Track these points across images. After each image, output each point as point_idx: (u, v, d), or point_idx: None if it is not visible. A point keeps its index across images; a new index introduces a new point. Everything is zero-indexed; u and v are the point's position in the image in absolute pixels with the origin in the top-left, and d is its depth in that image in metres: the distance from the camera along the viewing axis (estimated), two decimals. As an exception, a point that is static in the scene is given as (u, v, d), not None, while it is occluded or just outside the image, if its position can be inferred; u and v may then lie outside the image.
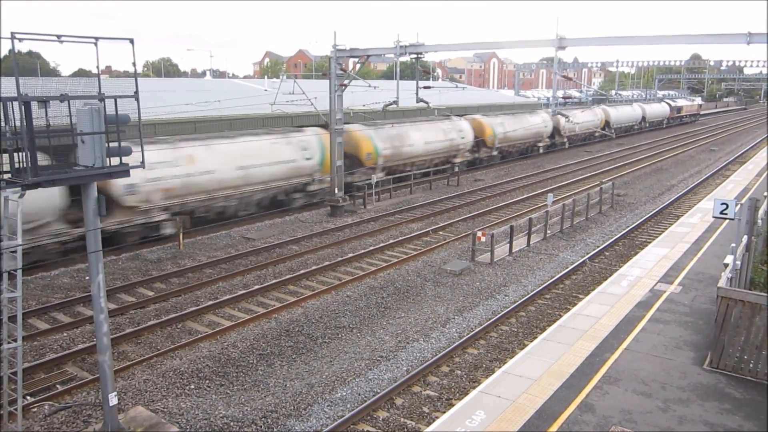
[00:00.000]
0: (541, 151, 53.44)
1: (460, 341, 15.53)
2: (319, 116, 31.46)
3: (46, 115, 9.37)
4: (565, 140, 57.71)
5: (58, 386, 13.44)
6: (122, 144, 9.96)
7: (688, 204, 32.91)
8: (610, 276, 18.97)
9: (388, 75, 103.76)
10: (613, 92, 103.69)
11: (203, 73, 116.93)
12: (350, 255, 22.95)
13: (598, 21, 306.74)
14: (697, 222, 25.14)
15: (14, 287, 9.63)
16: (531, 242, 24.77)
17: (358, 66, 31.33)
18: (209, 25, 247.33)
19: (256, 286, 19.57)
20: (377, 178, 33.71)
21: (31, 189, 9.28)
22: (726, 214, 14.12)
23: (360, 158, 33.88)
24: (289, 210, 30.26)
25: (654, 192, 37.24)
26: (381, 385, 13.62)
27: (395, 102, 29.22)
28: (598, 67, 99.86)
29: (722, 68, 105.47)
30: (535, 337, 14.84)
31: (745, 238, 14.65)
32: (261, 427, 12.01)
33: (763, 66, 73.61)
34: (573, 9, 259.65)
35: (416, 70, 30.26)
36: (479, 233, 22.79)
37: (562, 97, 54.48)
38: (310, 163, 30.31)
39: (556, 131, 54.93)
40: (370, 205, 31.93)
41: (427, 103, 30.20)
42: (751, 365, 11.84)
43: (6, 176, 9.40)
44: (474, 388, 12.23)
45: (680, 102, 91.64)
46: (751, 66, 79.86)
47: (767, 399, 11.05)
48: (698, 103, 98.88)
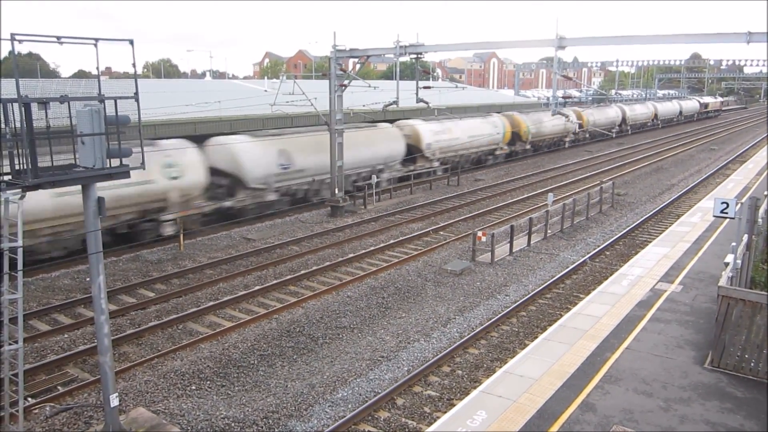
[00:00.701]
0: (566, 146, 58.80)
1: (461, 341, 15.52)
2: (319, 116, 31.45)
3: (47, 116, 9.37)
4: (588, 135, 62.94)
5: (59, 387, 13.44)
6: (123, 145, 9.96)
7: (688, 203, 32.90)
8: (610, 275, 18.96)
9: (388, 75, 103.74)
10: (613, 92, 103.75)
11: (203, 74, 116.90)
12: (351, 255, 22.95)
13: (597, 21, 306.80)
14: (698, 221, 25.13)
15: (15, 289, 9.63)
16: (531, 242, 24.76)
17: (358, 66, 31.37)
18: (209, 26, 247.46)
19: (257, 287, 19.57)
20: (436, 167, 40.44)
21: (32, 191, 9.28)
22: (726, 213, 14.12)
23: (421, 149, 39.10)
24: (290, 210, 30.26)
25: (654, 191, 37.24)
26: (382, 385, 13.62)
27: (395, 102, 29.22)
28: (598, 66, 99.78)
29: (722, 67, 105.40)
30: (536, 337, 14.84)
31: (745, 237, 14.65)
32: (262, 427, 12.01)
33: (763, 65, 73.52)
34: (573, 9, 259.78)
35: (416, 70, 30.27)
36: (480, 233, 22.78)
37: (563, 97, 54.46)
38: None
39: (580, 127, 59.55)
40: (371, 205, 31.94)
41: (427, 103, 30.20)
42: (752, 364, 11.83)
43: (6, 178, 9.40)
44: (475, 388, 12.23)
45: (706, 99, 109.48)
46: (751, 65, 79.92)
47: (768, 398, 11.05)
48: (720, 100, 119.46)
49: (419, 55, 27.65)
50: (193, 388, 13.51)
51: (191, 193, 25.28)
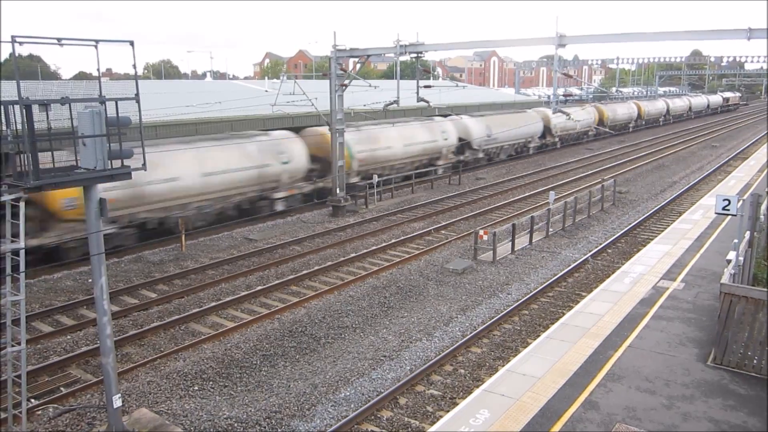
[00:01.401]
0: (591, 138, 64.40)
1: (463, 340, 15.52)
2: (320, 116, 31.46)
3: (48, 118, 9.38)
4: (607, 129, 66.37)
5: (62, 389, 13.47)
6: (123, 147, 9.97)
7: (690, 200, 32.87)
8: (612, 273, 18.95)
9: (388, 75, 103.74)
10: (614, 89, 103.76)
11: (204, 75, 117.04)
12: (352, 255, 22.96)
13: (597, 20, 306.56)
14: (700, 218, 25.10)
15: (17, 290, 9.64)
16: (533, 240, 24.75)
17: (358, 66, 31.34)
18: (209, 27, 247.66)
19: (259, 287, 19.58)
20: (479, 155, 44.95)
21: (33, 192, 9.29)
22: (728, 210, 14.08)
23: (470, 142, 43.56)
24: (292, 210, 30.27)
25: (656, 189, 37.20)
26: (385, 384, 13.62)
27: (396, 102, 29.21)
28: (599, 64, 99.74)
29: (723, 64, 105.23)
30: (539, 336, 14.84)
31: (747, 234, 14.62)
32: (265, 427, 12.02)
33: (764, 61, 73.41)
34: (572, 8, 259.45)
35: (416, 69, 30.23)
36: (481, 232, 22.78)
37: (563, 95, 54.56)
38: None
39: (600, 122, 65.95)
40: (372, 204, 31.94)
41: (427, 102, 30.17)
42: (754, 361, 11.82)
43: (8, 179, 9.42)
44: (478, 386, 12.23)
45: (727, 94, 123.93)
46: (752, 61, 79.73)
47: (771, 395, 11.04)
48: (738, 95, 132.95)
49: (419, 55, 27.62)
50: (196, 388, 13.52)
51: (296, 176, 30.59)
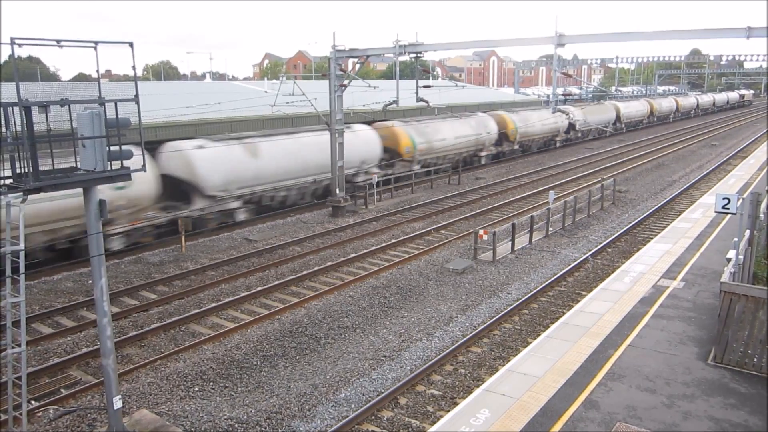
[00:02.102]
0: (607, 134, 66.94)
1: (463, 340, 15.52)
2: (319, 117, 31.47)
3: (47, 119, 9.38)
4: (623, 126, 72.28)
5: (62, 390, 13.46)
6: (123, 147, 9.97)
7: (690, 199, 32.87)
8: (612, 272, 18.95)
9: (387, 75, 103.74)
10: (614, 88, 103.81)
11: (203, 76, 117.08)
12: (352, 255, 22.96)
13: (597, 19, 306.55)
14: (699, 217, 25.11)
15: (17, 292, 9.64)
16: (533, 240, 24.76)
17: (357, 66, 31.35)
18: (208, 28, 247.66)
19: (259, 288, 19.58)
20: (515, 147, 49.53)
21: (33, 194, 9.29)
22: (728, 208, 14.08)
23: (507, 134, 48.05)
24: (291, 211, 30.27)
25: (656, 188, 37.21)
26: (385, 384, 13.62)
27: (395, 102, 29.22)
28: (598, 63, 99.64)
29: (722, 63, 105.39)
30: (539, 335, 14.83)
31: (747, 233, 14.62)
32: (266, 428, 12.02)
33: (763, 60, 73.46)
34: (572, 8, 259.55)
35: (416, 69, 30.24)
36: (481, 231, 22.78)
37: (563, 95, 54.76)
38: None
39: (617, 119, 70.36)
40: (372, 205, 31.94)
41: (427, 102, 30.19)
42: (755, 360, 11.82)
43: (8, 181, 9.41)
44: (478, 386, 12.22)
45: (742, 91, 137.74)
46: (751, 60, 79.77)
47: (772, 393, 11.04)
48: (751, 92, 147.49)
49: (419, 55, 27.63)
50: (196, 389, 13.52)
51: (372, 162, 35.45)
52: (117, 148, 9.87)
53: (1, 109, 9.02)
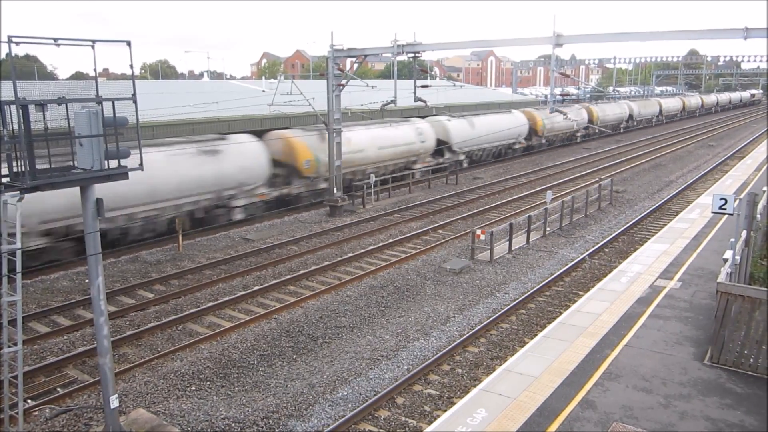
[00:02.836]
0: (621, 130, 71.84)
1: (460, 339, 15.54)
2: (317, 116, 31.44)
3: (44, 118, 9.36)
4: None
5: (59, 389, 13.44)
6: (120, 146, 9.96)
7: (687, 199, 32.92)
8: (609, 272, 18.97)
9: (385, 75, 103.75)
10: (611, 89, 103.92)
11: (201, 75, 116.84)
12: (350, 255, 22.96)
13: (594, 19, 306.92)
14: (697, 217, 25.15)
15: (14, 291, 9.62)
16: (530, 240, 24.78)
17: (355, 66, 31.32)
18: (206, 27, 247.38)
19: (256, 287, 19.57)
20: (542, 141, 53.06)
21: (30, 192, 9.27)
22: (725, 209, 14.11)
23: (536, 129, 51.03)
24: (289, 210, 30.26)
25: (653, 188, 37.27)
26: (382, 384, 13.63)
27: (393, 101, 29.21)
28: (596, 64, 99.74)
29: (719, 63, 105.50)
30: (536, 335, 14.86)
31: (744, 233, 14.65)
32: (262, 427, 12.01)
33: (761, 60, 73.60)
34: (570, 8, 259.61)
35: (414, 69, 30.23)
36: (478, 231, 22.80)
37: (560, 95, 54.82)
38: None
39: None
40: (369, 204, 31.94)
41: (425, 102, 30.17)
42: (751, 360, 11.84)
43: (5, 180, 9.40)
44: (475, 386, 12.24)
45: (753, 91, 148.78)
46: (748, 61, 79.86)
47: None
48: (761, 92, 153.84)
49: (417, 54, 27.62)
50: (193, 388, 13.51)
51: (427, 153, 38.91)
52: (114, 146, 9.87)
53: (-1, 107, 9.00)
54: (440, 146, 40.96)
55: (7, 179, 9.39)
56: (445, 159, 41.18)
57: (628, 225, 27.29)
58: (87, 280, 19.52)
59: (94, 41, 9.68)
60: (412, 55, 27.61)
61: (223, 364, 14.60)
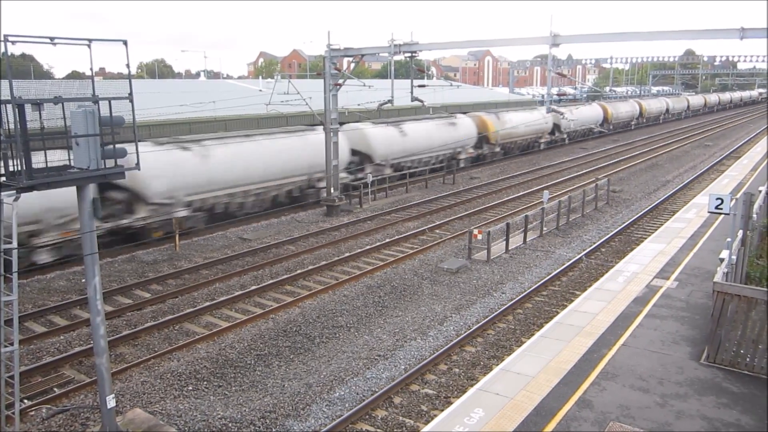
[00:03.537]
0: (631, 127, 77.27)
1: (457, 339, 15.54)
2: (314, 116, 31.44)
3: (40, 117, 9.34)
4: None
5: (55, 389, 13.41)
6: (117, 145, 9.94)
7: (683, 199, 32.99)
8: (606, 272, 19.00)
9: (382, 74, 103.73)
10: (608, 89, 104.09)
11: (197, 74, 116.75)
12: (347, 254, 22.95)
13: (591, 19, 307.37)
14: (693, 217, 25.21)
15: (10, 290, 9.60)
16: (527, 239, 24.80)
17: (352, 65, 31.34)
18: (203, 26, 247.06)
19: (253, 287, 19.55)
20: (564, 135, 57.62)
21: (26, 192, 9.25)
22: (721, 209, 14.15)
23: (560, 125, 56.58)
24: (286, 210, 30.23)
25: (649, 188, 37.33)
26: (379, 384, 13.62)
27: (390, 101, 29.22)
28: (593, 63, 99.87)
29: (716, 63, 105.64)
30: (533, 334, 14.88)
31: (740, 233, 14.70)
32: (260, 427, 12.00)
33: (757, 60, 73.84)
34: (566, 8, 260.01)
35: (411, 68, 30.24)
36: (475, 231, 22.81)
37: (557, 95, 55.22)
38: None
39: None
40: (366, 204, 31.93)
41: (422, 101, 30.20)
42: (747, 359, 11.88)
43: (1, 179, 9.37)
44: (472, 385, 12.24)
45: (761, 90, 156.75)
46: (745, 61, 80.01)
47: (766, 393, 11.09)
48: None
49: (414, 54, 27.64)
50: (190, 388, 13.49)
51: (470, 143, 44.15)
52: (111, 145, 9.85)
53: (-5, 106, 8.97)
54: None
55: (3, 178, 9.36)
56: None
57: (624, 225, 27.33)
58: (83, 280, 19.48)
59: (90, 40, 9.66)
60: (409, 54, 27.63)
61: (220, 363, 14.59)
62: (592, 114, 63.57)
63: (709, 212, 14.59)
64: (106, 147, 9.73)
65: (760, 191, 21.73)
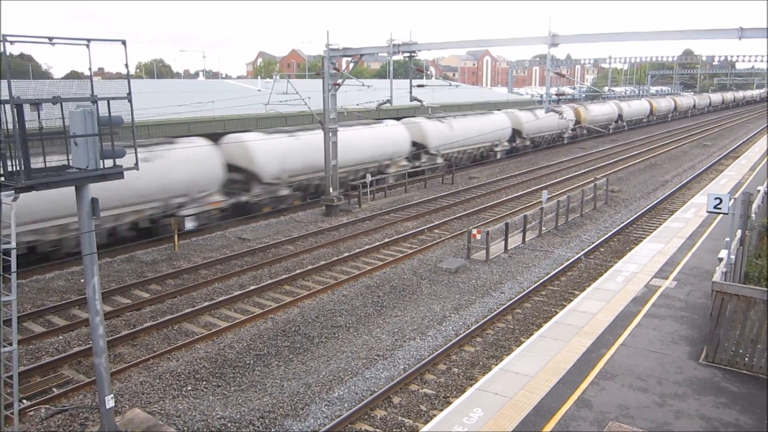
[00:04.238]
0: (643, 122, 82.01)
1: (456, 339, 15.54)
2: (313, 116, 31.43)
3: (39, 117, 9.33)
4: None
5: (54, 389, 13.40)
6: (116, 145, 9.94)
7: (682, 199, 33.02)
8: (605, 272, 19.01)
9: (381, 74, 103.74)
10: (606, 88, 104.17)
11: (196, 74, 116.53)
12: (346, 254, 22.95)
13: (590, 19, 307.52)
14: (692, 217, 25.23)
15: (9, 291, 9.58)
16: (526, 239, 24.80)
17: (351, 65, 31.31)
18: (202, 26, 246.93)
19: (252, 287, 19.54)
20: (584, 131, 62.44)
21: (25, 192, 9.24)
22: (720, 208, 14.18)
23: (580, 121, 60.35)
24: (285, 210, 30.22)
25: (648, 188, 37.35)
26: (378, 383, 13.62)
27: (389, 101, 29.22)
28: (591, 63, 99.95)
29: (714, 63, 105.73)
30: (532, 334, 14.88)
31: (739, 233, 14.71)
32: (258, 427, 12.00)
33: (755, 60, 73.95)
34: (565, 8, 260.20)
35: (410, 68, 30.24)
36: (474, 231, 22.81)
37: (556, 94, 55.36)
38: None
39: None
40: (365, 204, 31.93)
41: (420, 101, 30.21)
42: (746, 359, 11.89)
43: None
44: (471, 385, 12.25)
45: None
46: (743, 61, 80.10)
47: (766, 392, 11.10)
48: None
49: (412, 54, 27.64)
50: (189, 388, 13.49)
51: (505, 137, 48.68)
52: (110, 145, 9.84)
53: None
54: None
55: (2, 178, 9.34)
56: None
57: (623, 224, 27.34)
58: (82, 280, 19.47)
59: (89, 40, 9.65)
60: (407, 54, 27.63)
61: (219, 363, 14.58)
62: (608, 111, 68.95)
63: (707, 212, 14.61)
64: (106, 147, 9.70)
65: (759, 191, 21.75)
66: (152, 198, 24.10)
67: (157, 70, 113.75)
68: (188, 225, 25.61)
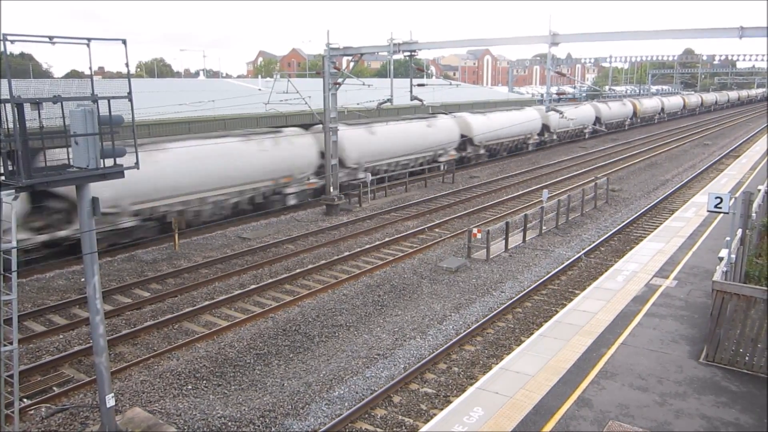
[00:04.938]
0: (654, 120, 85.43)
1: (457, 338, 15.55)
2: (313, 115, 31.42)
3: (39, 116, 9.33)
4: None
5: (54, 388, 13.41)
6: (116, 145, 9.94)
7: (682, 198, 33.00)
8: (605, 271, 19.02)
9: (381, 73, 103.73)
10: (607, 88, 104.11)
11: (196, 73, 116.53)
12: (346, 253, 22.95)
13: (590, 19, 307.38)
14: (692, 216, 25.22)
15: (9, 290, 9.59)
16: (527, 238, 24.80)
17: (351, 64, 31.29)
18: (202, 25, 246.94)
19: (253, 286, 19.54)
20: (603, 127, 64.38)
21: (25, 191, 9.24)
22: (720, 207, 14.16)
23: (601, 118, 65.00)
24: (285, 209, 30.22)
25: (648, 187, 37.34)
26: (378, 383, 13.63)
27: (389, 100, 29.20)
28: (592, 63, 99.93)
29: (715, 62, 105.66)
30: (532, 333, 14.88)
31: (739, 232, 14.70)
32: (259, 426, 12.01)
33: (756, 59, 73.97)
34: (565, 8, 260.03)
35: (410, 67, 30.23)
36: (475, 230, 22.81)
37: (556, 94, 55.83)
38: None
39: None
40: (366, 203, 31.93)
41: (421, 100, 30.18)
42: (746, 358, 11.89)
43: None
44: (471, 384, 12.25)
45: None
46: (744, 60, 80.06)
47: (766, 392, 11.10)
48: None
49: (413, 53, 27.60)
50: (190, 387, 13.49)
51: (534, 133, 52.51)
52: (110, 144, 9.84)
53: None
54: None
55: (3, 177, 9.35)
56: None
57: (623, 224, 27.33)
58: (83, 279, 19.48)
59: (89, 39, 9.65)
60: (408, 53, 27.59)
61: (219, 363, 14.59)
62: (624, 110, 74.71)
63: (708, 211, 14.60)
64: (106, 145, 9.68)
65: (759, 190, 21.74)
66: (267, 177, 29.01)
67: (158, 69, 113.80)
68: (290, 202, 30.73)
